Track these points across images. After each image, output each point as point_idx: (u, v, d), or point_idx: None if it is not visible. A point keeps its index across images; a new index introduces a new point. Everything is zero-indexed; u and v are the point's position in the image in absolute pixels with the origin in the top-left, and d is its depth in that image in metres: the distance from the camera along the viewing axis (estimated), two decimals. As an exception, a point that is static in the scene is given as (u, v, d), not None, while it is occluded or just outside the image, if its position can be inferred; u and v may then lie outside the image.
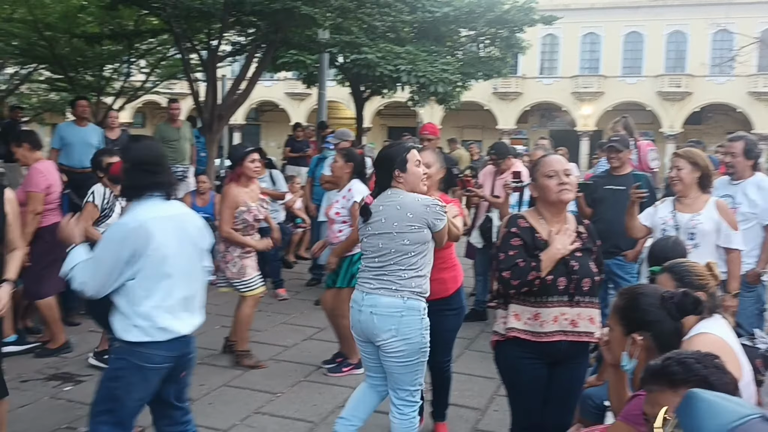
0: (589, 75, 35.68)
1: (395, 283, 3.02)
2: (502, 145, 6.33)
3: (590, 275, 2.80)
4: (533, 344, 2.79)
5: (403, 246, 3.00)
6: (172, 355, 2.68)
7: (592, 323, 2.82)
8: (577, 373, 2.94)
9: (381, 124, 37.56)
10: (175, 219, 2.73)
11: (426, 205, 3.02)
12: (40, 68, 15.87)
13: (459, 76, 14.39)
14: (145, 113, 38.01)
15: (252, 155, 4.82)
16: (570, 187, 2.80)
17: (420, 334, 3.06)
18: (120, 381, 2.62)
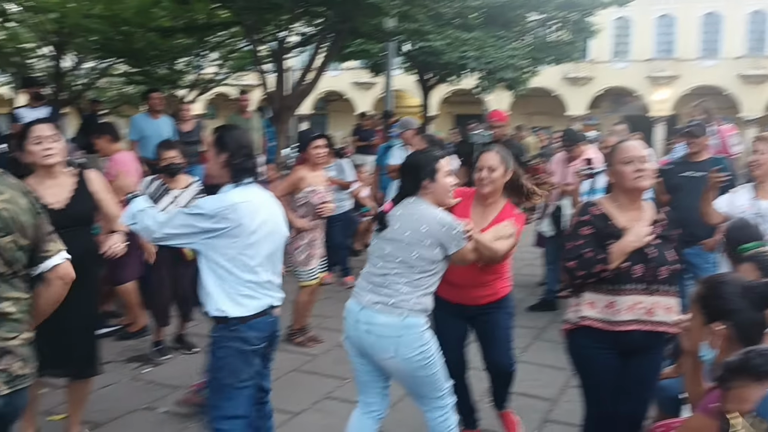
0: (663, 58, 34.29)
1: (394, 297, 2.79)
2: (572, 131, 6.16)
3: (668, 263, 2.72)
4: (606, 333, 2.72)
5: (410, 258, 2.79)
6: (265, 335, 2.79)
7: (668, 312, 2.72)
8: (651, 365, 2.85)
9: (447, 112, 37.27)
10: (264, 203, 2.84)
11: (443, 225, 2.81)
12: (117, 62, 16.53)
13: (527, 61, 14.14)
14: (216, 105, 39.02)
15: (316, 142, 4.91)
16: (647, 174, 2.72)
17: (420, 352, 2.82)
18: (223, 370, 2.71)
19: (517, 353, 5.01)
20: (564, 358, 4.83)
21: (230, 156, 2.75)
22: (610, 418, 2.85)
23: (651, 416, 3.35)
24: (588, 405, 2.95)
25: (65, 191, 3.21)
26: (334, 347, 5.13)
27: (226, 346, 2.70)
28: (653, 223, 2.76)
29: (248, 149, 2.82)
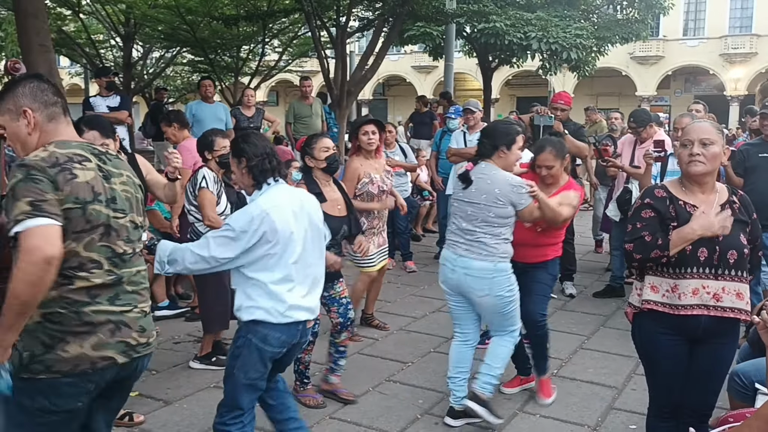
0: (740, 35, 32.63)
1: (485, 249, 3.43)
2: (642, 112, 5.95)
3: (738, 247, 2.58)
4: (671, 318, 2.62)
5: (489, 217, 3.42)
6: (288, 340, 2.71)
7: (739, 299, 2.59)
8: (721, 353, 2.70)
9: (509, 95, 36.68)
10: (297, 206, 2.74)
11: (513, 185, 3.42)
12: (183, 51, 16.96)
13: (594, 41, 13.72)
14: (278, 92, 39.58)
15: (364, 127, 4.69)
16: (701, 160, 2.56)
17: (509, 290, 3.50)
18: (238, 359, 2.68)
19: (583, 340, 4.95)
20: (630, 345, 4.72)
21: (248, 160, 2.72)
22: (676, 407, 2.76)
23: (724, 407, 3.24)
24: (653, 393, 2.86)
25: None
26: (397, 331, 5.16)
27: (246, 338, 2.67)
28: (725, 205, 2.62)
29: (266, 150, 2.75)
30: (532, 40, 12.49)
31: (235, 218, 2.64)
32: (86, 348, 2.04)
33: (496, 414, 3.57)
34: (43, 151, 2.02)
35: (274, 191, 2.72)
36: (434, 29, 13.22)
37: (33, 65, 6.78)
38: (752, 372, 3.02)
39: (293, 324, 2.69)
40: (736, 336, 2.74)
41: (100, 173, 2.10)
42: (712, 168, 2.61)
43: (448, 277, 3.58)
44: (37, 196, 1.91)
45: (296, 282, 2.69)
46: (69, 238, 1.98)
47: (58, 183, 1.96)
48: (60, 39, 13.99)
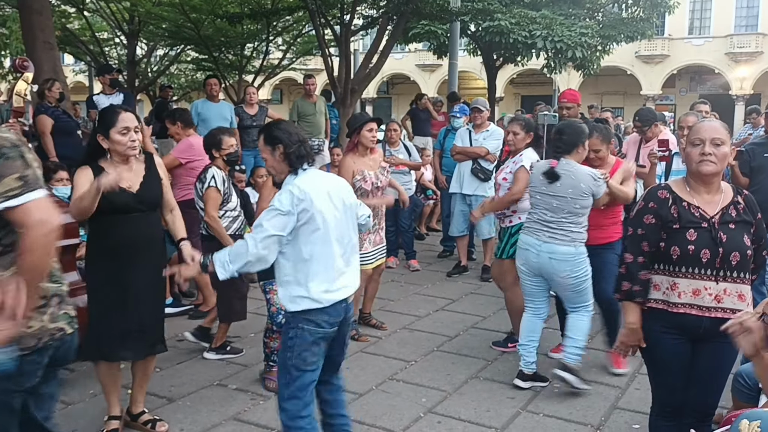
0: (745, 33, 32.50)
1: (568, 235, 3.92)
2: (647, 111, 5.91)
3: (741, 249, 2.57)
4: (672, 317, 2.62)
5: (574, 209, 3.90)
6: (336, 319, 2.79)
7: (741, 300, 2.58)
8: (723, 353, 2.66)
9: (514, 93, 36.62)
10: (331, 188, 2.84)
11: (594, 177, 3.89)
12: (187, 49, 16.98)
13: (599, 39, 13.71)
14: (282, 90, 39.59)
15: (369, 124, 4.73)
16: (712, 159, 2.55)
17: (585, 271, 4.00)
18: (293, 350, 2.74)
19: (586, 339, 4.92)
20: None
21: (285, 147, 2.78)
22: (679, 406, 2.75)
23: (727, 406, 3.23)
24: (656, 392, 2.86)
25: (138, 177, 3.30)
26: (400, 329, 5.15)
27: (297, 327, 2.74)
28: (729, 206, 2.61)
29: (299, 137, 2.83)
30: (536, 38, 12.47)
31: (279, 200, 2.70)
32: (45, 320, 2.08)
33: (585, 380, 4.05)
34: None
35: (308, 175, 2.80)
36: (438, 27, 13.21)
37: (37, 62, 6.79)
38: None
39: (338, 303, 2.78)
40: None
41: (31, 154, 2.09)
42: (721, 168, 2.61)
43: (531, 261, 4.04)
44: (22, 171, 1.93)
45: (335, 262, 2.77)
46: None
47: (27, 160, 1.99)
48: (64, 36, 14.03)
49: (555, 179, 3.90)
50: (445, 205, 7.59)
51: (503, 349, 4.74)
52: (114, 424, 3.39)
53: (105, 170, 3.17)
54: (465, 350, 4.72)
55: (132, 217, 3.24)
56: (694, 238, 2.56)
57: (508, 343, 4.75)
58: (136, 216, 3.27)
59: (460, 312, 5.60)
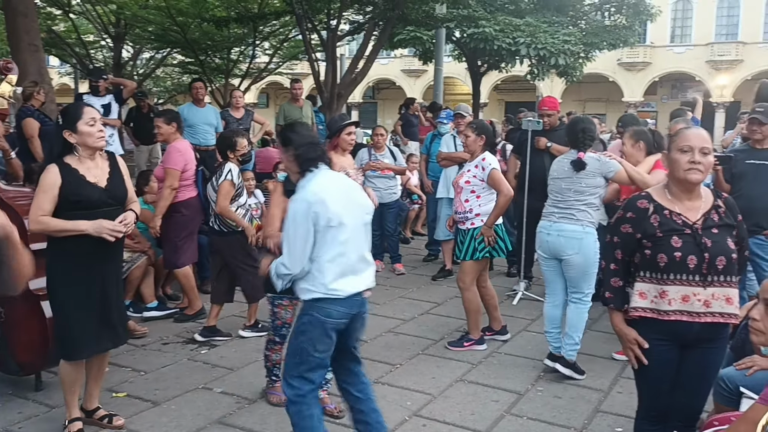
0: (726, 42, 33.02)
1: (575, 215, 4.25)
2: (631, 117, 6.01)
3: (726, 253, 2.58)
4: (661, 324, 2.63)
5: (580, 187, 4.24)
6: (350, 312, 2.91)
7: (728, 303, 2.60)
8: (712, 358, 2.71)
9: (498, 99, 36.85)
10: (343, 186, 2.98)
11: (598, 159, 4.27)
12: (174, 52, 16.92)
13: (582, 46, 13.85)
14: (268, 94, 39.53)
15: (349, 128, 4.84)
16: (701, 168, 2.57)
17: (594, 252, 4.22)
18: (305, 335, 2.87)
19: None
20: (616, 348, 4.77)
21: (295, 148, 2.94)
22: (665, 411, 2.77)
23: (707, 409, 3.28)
24: (643, 398, 2.86)
25: (104, 173, 3.33)
26: (385, 333, 5.18)
27: (310, 314, 2.86)
28: (711, 211, 2.63)
29: (311, 139, 2.98)
30: (520, 45, 12.58)
31: (293, 207, 2.85)
32: None
33: (580, 371, 4.32)
34: None
35: (321, 176, 2.93)
36: (424, 33, 13.30)
37: (22, 64, 6.76)
38: (737, 376, 3.05)
39: (352, 296, 2.90)
40: (726, 340, 2.76)
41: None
42: (705, 177, 2.65)
43: (544, 241, 4.37)
44: None
45: (349, 257, 2.88)
46: None
47: None
48: (50, 39, 13.93)
49: (581, 168, 4.25)
50: (430, 210, 7.63)
51: (459, 348, 4.81)
52: (78, 424, 3.40)
53: (71, 167, 3.19)
54: (450, 354, 4.75)
55: (101, 212, 3.25)
56: (680, 245, 2.57)
57: (463, 342, 4.84)
58: (104, 211, 3.27)
59: (445, 315, 5.64)
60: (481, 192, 4.75)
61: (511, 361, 4.61)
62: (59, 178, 3.14)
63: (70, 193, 3.14)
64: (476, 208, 4.74)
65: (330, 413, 3.65)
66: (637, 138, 4.61)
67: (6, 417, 3.61)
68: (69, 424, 3.37)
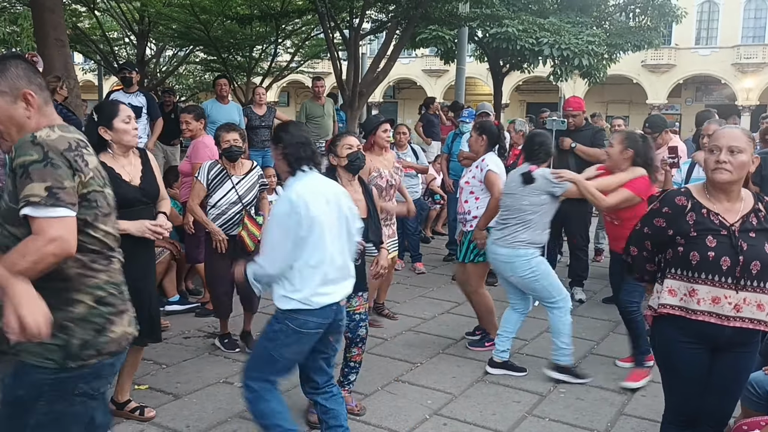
0: (752, 44, 32.52)
1: (509, 237, 4.13)
2: (657, 118, 5.93)
3: (762, 258, 2.50)
4: (690, 324, 2.57)
5: (522, 205, 4.10)
6: (324, 322, 2.83)
7: (760, 310, 2.52)
8: (743, 363, 2.65)
9: (519, 100, 36.65)
10: (330, 194, 2.87)
11: (545, 177, 4.10)
12: (196, 50, 17.03)
13: (605, 47, 13.70)
14: (289, 92, 39.69)
15: (384, 125, 4.93)
16: (727, 168, 2.49)
17: (531, 272, 4.14)
18: (275, 342, 2.81)
19: (592, 346, 4.94)
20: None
21: (284, 147, 2.86)
22: (693, 415, 2.71)
23: (735, 415, 3.22)
24: (669, 400, 2.80)
25: (137, 170, 3.34)
26: (406, 331, 5.16)
27: (283, 323, 2.79)
28: (750, 214, 2.55)
29: (302, 138, 2.89)
30: (544, 45, 12.48)
31: (279, 208, 2.80)
32: (125, 325, 2.08)
33: (580, 375, 4.25)
34: (52, 133, 1.91)
35: (308, 178, 2.86)
36: (446, 33, 13.23)
37: (49, 59, 6.83)
38: (766, 381, 3.00)
39: (327, 306, 2.83)
40: (758, 345, 2.69)
41: (97, 159, 2.08)
42: (738, 177, 2.53)
43: (491, 260, 4.34)
44: (55, 182, 1.81)
45: (328, 266, 2.81)
46: (99, 221, 1.99)
47: (80, 167, 1.90)
48: (74, 35, 14.07)
49: (530, 182, 4.10)
50: (451, 209, 7.58)
51: (480, 348, 4.78)
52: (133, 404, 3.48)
53: (107, 165, 3.19)
54: (470, 353, 4.72)
55: (135, 210, 3.27)
56: (714, 245, 2.51)
57: (484, 342, 4.82)
58: (139, 209, 3.29)
59: (466, 315, 5.60)
60: (479, 194, 4.74)
61: (533, 362, 4.57)
62: None
63: None
64: (474, 210, 4.74)
65: (351, 411, 3.61)
66: (627, 144, 4.24)
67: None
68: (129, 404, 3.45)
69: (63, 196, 1.82)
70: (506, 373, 4.29)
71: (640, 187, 4.14)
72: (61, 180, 1.83)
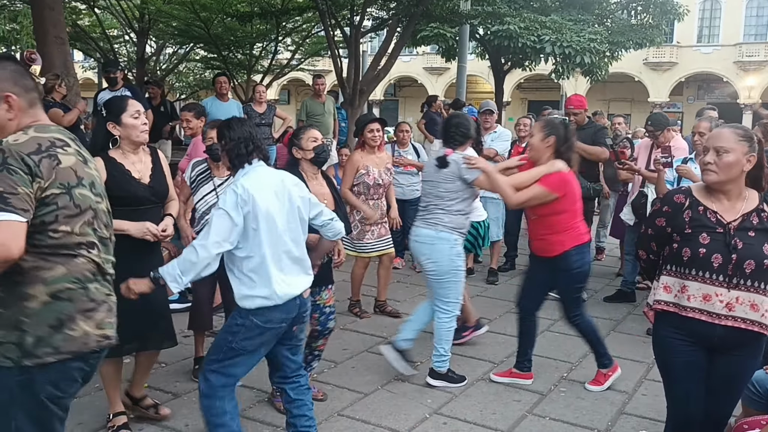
0: (754, 42, 32.46)
1: (431, 219, 4.00)
2: (659, 115, 5.89)
3: (757, 257, 2.47)
4: (682, 321, 2.56)
5: (439, 192, 3.98)
6: (288, 316, 2.81)
7: (753, 310, 2.49)
8: (740, 366, 2.62)
9: (521, 98, 36.61)
10: (278, 186, 2.82)
11: (457, 162, 3.93)
12: (197, 48, 17.01)
13: (607, 45, 13.68)
14: (289, 90, 39.66)
15: (370, 125, 4.96)
16: (713, 169, 2.50)
17: (449, 259, 3.97)
18: (237, 335, 2.76)
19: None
20: (641, 350, 4.70)
21: (225, 143, 2.84)
22: (690, 417, 2.67)
23: (736, 414, 3.20)
24: (669, 401, 2.77)
25: (147, 168, 3.29)
26: (405, 330, 5.14)
27: (247, 318, 2.75)
28: (751, 214, 2.53)
29: (244, 134, 2.82)
30: (545, 43, 12.47)
31: (224, 200, 2.72)
32: (91, 326, 2.03)
33: (457, 378, 4.12)
34: (23, 135, 1.94)
35: (256, 172, 2.82)
36: (447, 30, 13.21)
37: (48, 57, 6.81)
38: (767, 380, 2.98)
39: (289, 300, 2.79)
40: (759, 350, 2.62)
41: (80, 158, 2.06)
42: (725, 177, 2.51)
43: (410, 245, 4.20)
44: (8, 188, 1.83)
45: (284, 258, 2.78)
46: (61, 222, 1.96)
47: (41, 170, 1.90)
48: (74, 33, 14.06)
49: (444, 166, 3.95)
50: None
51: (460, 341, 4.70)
52: (123, 418, 3.38)
53: (117, 161, 3.17)
54: (471, 352, 4.70)
55: (144, 209, 3.23)
56: (707, 242, 2.50)
57: (462, 333, 4.76)
58: (148, 208, 3.25)
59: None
60: None
61: (534, 361, 4.52)
62: (104, 172, 3.06)
63: (116, 189, 3.03)
64: None
65: (314, 397, 3.54)
66: (547, 131, 3.89)
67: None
68: (113, 418, 3.36)
69: (14, 202, 1.83)
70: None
71: (555, 183, 3.83)
72: (14, 186, 1.84)
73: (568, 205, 3.89)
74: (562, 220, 3.91)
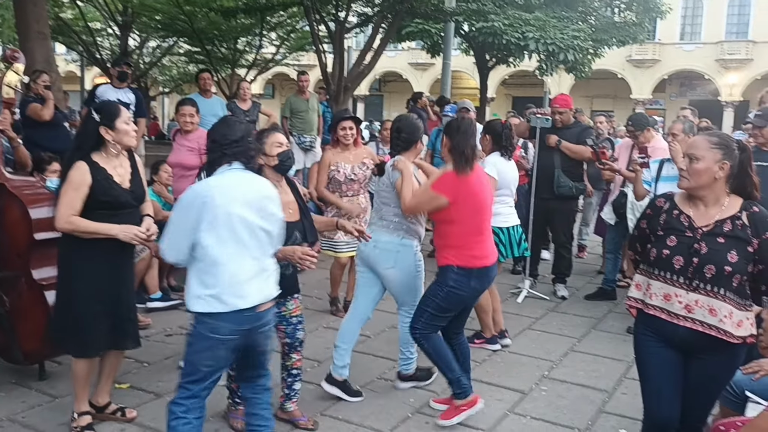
0: (736, 40, 32.75)
1: (390, 225, 3.76)
2: (640, 116, 5.96)
3: (719, 263, 2.50)
4: (647, 318, 2.68)
5: (386, 199, 3.79)
6: (238, 328, 2.63)
7: (711, 315, 2.52)
8: (712, 370, 2.64)
9: (505, 94, 36.69)
10: (251, 193, 2.69)
11: (388, 167, 3.78)
12: (180, 42, 16.89)
13: (591, 42, 13.77)
14: (274, 85, 39.44)
15: (341, 123, 4.99)
16: (685, 175, 2.58)
17: (416, 266, 3.83)
18: (192, 347, 2.67)
19: (573, 343, 4.97)
20: (621, 348, 4.76)
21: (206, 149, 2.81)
22: (663, 415, 2.71)
23: (713, 414, 3.26)
24: (645, 405, 2.80)
25: (127, 172, 3.29)
26: (388, 329, 5.16)
27: (196, 327, 2.65)
28: (726, 221, 2.54)
29: (222, 140, 2.74)
30: (529, 40, 12.52)
31: (184, 193, 2.68)
32: None
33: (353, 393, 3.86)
34: None
35: (229, 174, 2.71)
36: (432, 27, 13.23)
37: (30, 52, 6.74)
38: (744, 380, 3.03)
39: (240, 311, 2.62)
40: (734, 357, 2.62)
41: None
42: (695, 184, 2.56)
43: (361, 250, 3.88)
44: None
45: (243, 268, 2.64)
46: None
47: None
48: (57, 26, 13.89)
49: (381, 174, 3.83)
50: (435, 205, 7.59)
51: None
52: (87, 418, 3.37)
53: (99, 165, 3.16)
54: (454, 351, 4.73)
55: (125, 213, 3.24)
56: (673, 244, 2.60)
57: (474, 339, 4.78)
58: (128, 212, 3.26)
59: (449, 312, 5.62)
60: None
61: (516, 360, 4.59)
62: (89, 176, 3.08)
63: (100, 193, 3.10)
64: None
65: (304, 426, 3.51)
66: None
67: (9, 406, 3.62)
68: (78, 417, 3.34)
69: None
70: (340, 394, 3.85)
71: (445, 184, 3.43)
72: None
73: (463, 217, 3.44)
74: (453, 233, 3.47)
